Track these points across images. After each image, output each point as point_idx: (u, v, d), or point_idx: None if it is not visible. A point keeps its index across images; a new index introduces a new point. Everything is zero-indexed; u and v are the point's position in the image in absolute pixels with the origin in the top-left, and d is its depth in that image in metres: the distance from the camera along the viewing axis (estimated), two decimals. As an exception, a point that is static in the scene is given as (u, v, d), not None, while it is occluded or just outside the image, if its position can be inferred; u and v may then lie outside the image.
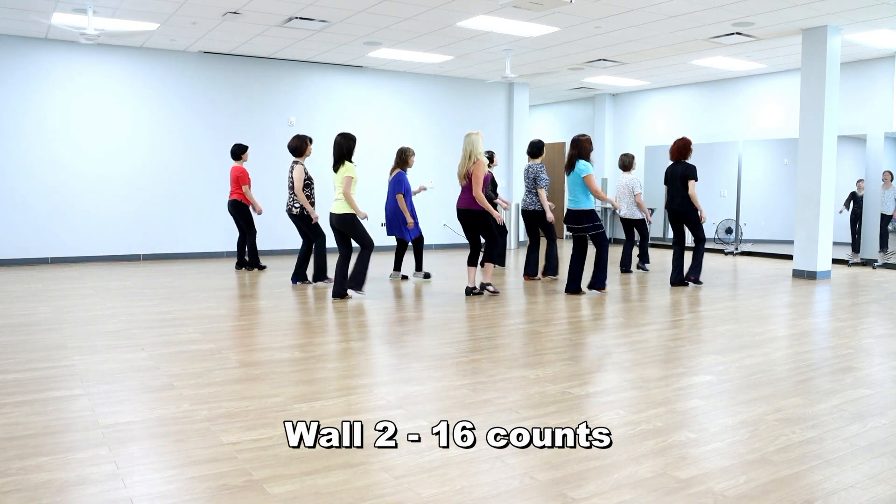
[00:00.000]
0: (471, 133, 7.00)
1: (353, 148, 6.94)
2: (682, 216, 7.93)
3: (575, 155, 7.24)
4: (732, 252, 12.28)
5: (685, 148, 7.92)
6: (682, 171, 7.85)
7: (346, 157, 6.91)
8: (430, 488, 2.67)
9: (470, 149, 6.99)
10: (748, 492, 2.65)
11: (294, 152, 7.73)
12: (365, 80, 12.09)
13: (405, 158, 8.09)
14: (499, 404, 3.70)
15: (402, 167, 8.11)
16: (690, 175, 7.80)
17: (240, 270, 9.30)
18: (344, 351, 4.89)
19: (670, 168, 7.99)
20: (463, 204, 7.07)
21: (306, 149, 7.73)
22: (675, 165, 7.94)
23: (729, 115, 12.74)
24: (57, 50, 9.81)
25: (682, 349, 5.02)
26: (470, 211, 7.04)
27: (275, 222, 11.42)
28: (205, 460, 2.92)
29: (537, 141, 8.32)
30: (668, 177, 8.01)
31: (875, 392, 3.99)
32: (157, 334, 5.38)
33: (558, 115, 16.29)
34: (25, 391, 3.88)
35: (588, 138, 7.27)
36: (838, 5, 7.75)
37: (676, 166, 7.92)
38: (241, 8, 8.06)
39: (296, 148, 7.72)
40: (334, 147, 6.93)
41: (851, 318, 6.27)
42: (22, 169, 9.71)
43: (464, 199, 7.07)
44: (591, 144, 7.29)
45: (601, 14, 8.18)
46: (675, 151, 7.96)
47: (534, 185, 8.20)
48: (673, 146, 7.98)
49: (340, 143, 6.90)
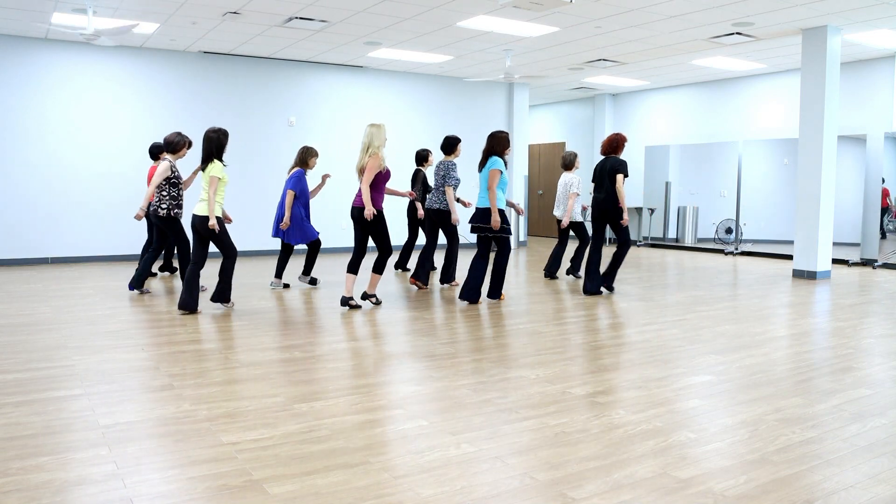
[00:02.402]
0: (371, 124, 6.32)
1: (224, 145, 6.16)
2: (606, 213, 7.33)
3: (489, 150, 6.76)
4: (732, 252, 12.28)
5: (617, 143, 7.42)
6: (610, 165, 7.32)
7: (215, 155, 6.12)
8: (430, 488, 2.67)
9: (367, 141, 6.30)
10: (748, 492, 2.65)
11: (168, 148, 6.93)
12: (365, 80, 12.09)
13: (306, 159, 7.59)
14: (499, 404, 3.70)
15: (303, 167, 7.59)
16: (620, 169, 7.25)
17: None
18: (344, 351, 4.89)
19: (600, 163, 7.46)
20: (358, 202, 6.39)
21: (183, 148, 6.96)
22: (605, 160, 7.41)
23: (729, 115, 12.74)
24: (57, 50, 9.81)
25: (681, 349, 5.01)
26: (362, 209, 6.36)
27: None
28: (205, 460, 2.92)
29: (451, 137, 7.84)
30: (597, 173, 7.46)
31: (875, 392, 3.99)
32: (157, 334, 5.38)
33: (558, 115, 16.29)
34: (25, 391, 3.88)
35: (506, 135, 6.78)
36: (838, 5, 7.75)
37: (606, 161, 7.39)
38: (241, 8, 8.06)
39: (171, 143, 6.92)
40: (204, 142, 6.13)
41: (851, 318, 6.27)
42: (22, 169, 9.71)
43: (358, 196, 6.42)
44: (509, 142, 6.81)
45: (601, 14, 8.18)
46: (607, 146, 7.46)
47: (443, 182, 7.66)
48: (605, 140, 7.49)
49: (211, 139, 6.09)
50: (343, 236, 12.03)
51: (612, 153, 7.44)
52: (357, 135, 12.00)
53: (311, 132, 11.64)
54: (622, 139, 7.45)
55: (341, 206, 11.99)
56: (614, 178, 7.26)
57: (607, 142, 7.47)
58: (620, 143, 7.44)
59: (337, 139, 11.90)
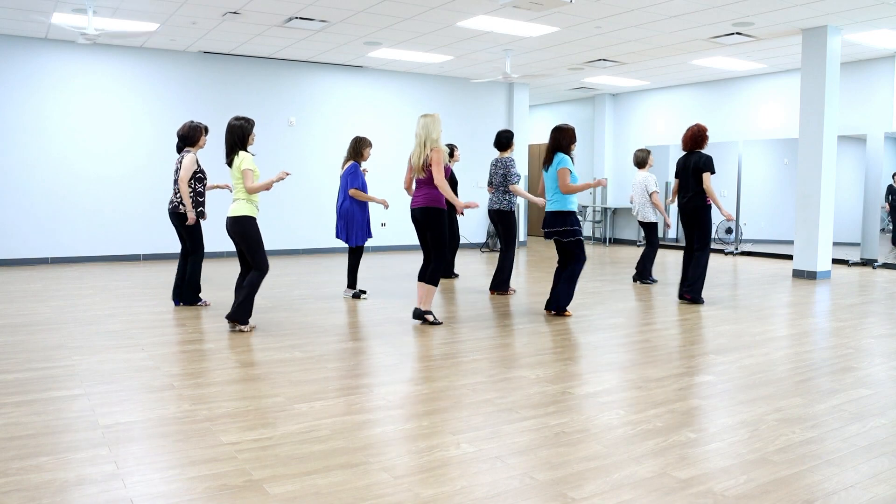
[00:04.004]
0: (426, 115, 5.65)
1: (247, 135, 5.41)
2: (694, 214, 6.77)
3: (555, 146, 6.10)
4: (732, 252, 12.28)
5: (700, 136, 6.81)
6: (694, 162, 6.74)
7: (240, 146, 5.40)
8: (430, 488, 2.67)
9: (424, 134, 5.58)
10: (748, 492, 2.65)
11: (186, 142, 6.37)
12: (365, 80, 12.09)
13: (360, 150, 6.98)
14: (499, 404, 3.70)
15: (357, 159, 7.00)
16: (706, 167, 6.68)
17: None
18: (344, 351, 4.89)
19: (682, 160, 6.89)
20: (420, 201, 5.64)
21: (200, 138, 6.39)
22: (688, 157, 6.83)
23: (729, 115, 12.73)
24: (57, 50, 9.81)
25: (682, 349, 5.01)
26: (429, 210, 5.63)
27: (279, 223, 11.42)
28: (205, 460, 2.92)
29: (506, 132, 7.37)
30: (680, 170, 6.90)
31: (875, 392, 3.98)
32: (157, 334, 5.38)
33: (558, 115, 16.28)
34: (25, 391, 3.87)
35: (572, 128, 6.20)
36: (838, 5, 7.75)
37: (689, 157, 6.82)
38: (241, 8, 8.05)
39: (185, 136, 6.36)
40: (227, 134, 5.42)
41: (851, 318, 6.27)
42: (22, 169, 9.71)
43: (423, 195, 5.65)
44: (576, 136, 6.18)
45: (601, 14, 8.17)
46: (689, 140, 6.83)
47: (504, 181, 7.27)
48: (686, 134, 6.86)
49: (233, 128, 5.37)
50: (343, 236, 12.02)
51: (695, 148, 6.82)
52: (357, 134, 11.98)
53: (311, 132, 11.64)
54: (704, 131, 6.82)
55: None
56: (699, 177, 6.72)
57: (689, 136, 6.84)
58: (704, 137, 6.81)
59: (337, 139, 11.89)
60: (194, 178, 6.29)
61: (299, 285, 8.03)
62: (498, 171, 7.31)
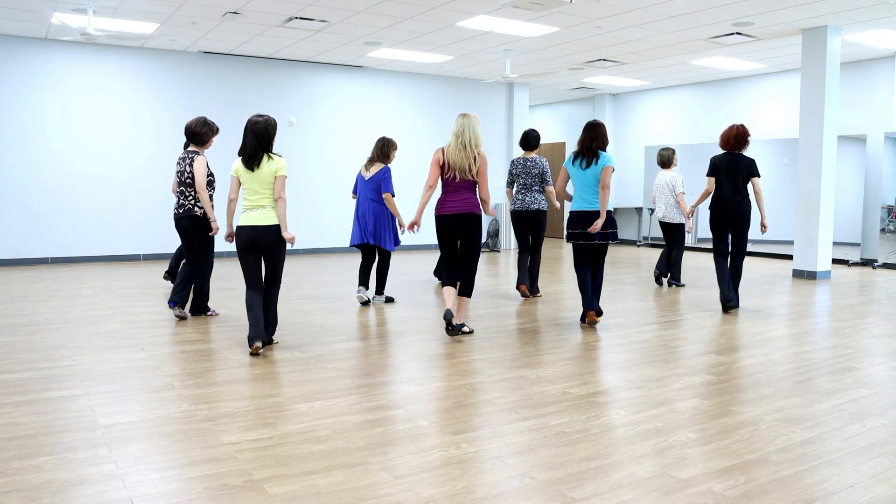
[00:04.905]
0: (466, 115, 5.30)
1: (273, 137, 4.86)
2: (740, 217, 6.48)
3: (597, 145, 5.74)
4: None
5: (743, 137, 6.48)
6: (745, 166, 6.45)
7: (264, 149, 4.80)
8: (430, 488, 2.67)
9: (472, 136, 5.25)
10: (748, 492, 2.65)
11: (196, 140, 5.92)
12: (365, 80, 12.09)
13: (388, 152, 6.75)
14: (499, 404, 3.70)
15: (385, 161, 6.75)
16: (756, 171, 6.46)
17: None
18: (344, 351, 4.88)
19: (723, 161, 6.52)
20: (464, 207, 5.29)
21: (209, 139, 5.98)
22: (731, 158, 6.50)
23: (729, 115, 12.73)
24: (57, 50, 9.81)
25: (682, 349, 5.01)
26: (473, 217, 5.32)
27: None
28: (205, 460, 2.92)
29: (534, 131, 7.21)
30: (719, 169, 6.53)
31: (875, 392, 3.99)
32: (157, 334, 5.38)
33: (558, 115, 16.29)
34: (25, 391, 3.87)
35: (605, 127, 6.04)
36: (838, 5, 7.75)
37: (732, 159, 6.50)
38: (241, 8, 8.06)
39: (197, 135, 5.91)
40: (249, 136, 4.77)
41: (851, 318, 6.27)
42: (22, 169, 9.71)
43: (464, 201, 5.31)
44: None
45: (601, 14, 8.18)
46: (733, 140, 6.49)
47: (539, 181, 7.09)
48: (727, 133, 6.52)
49: (258, 131, 4.75)
50: (343, 237, 12.02)
51: (737, 149, 6.52)
52: (357, 134, 12.00)
53: (311, 132, 11.64)
54: (747, 133, 6.52)
55: (342, 206, 11.98)
56: (748, 181, 6.50)
57: (733, 136, 6.51)
58: (746, 138, 6.51)
59: (337, 139, 11.89)
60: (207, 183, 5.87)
61: (299, 285, 8.03)
62: (531, 171, 7.06)
